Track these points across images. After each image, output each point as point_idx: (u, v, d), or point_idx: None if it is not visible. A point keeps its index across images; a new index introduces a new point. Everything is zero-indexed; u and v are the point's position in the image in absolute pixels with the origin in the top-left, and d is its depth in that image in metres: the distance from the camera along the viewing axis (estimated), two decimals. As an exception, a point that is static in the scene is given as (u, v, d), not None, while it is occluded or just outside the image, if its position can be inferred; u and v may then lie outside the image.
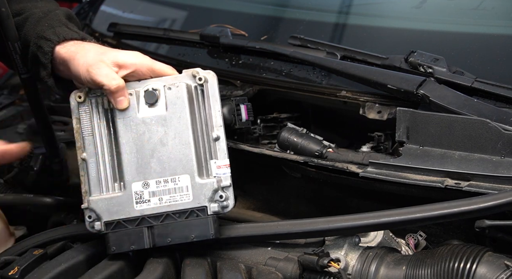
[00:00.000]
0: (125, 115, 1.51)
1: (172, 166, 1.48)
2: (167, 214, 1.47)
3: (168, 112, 1.50)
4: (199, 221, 1.46)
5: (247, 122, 1.82)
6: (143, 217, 1.47)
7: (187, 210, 1.47)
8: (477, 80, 1.62)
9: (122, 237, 1.47)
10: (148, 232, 1.47)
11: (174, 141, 1.49)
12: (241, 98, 1.83)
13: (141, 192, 1.48)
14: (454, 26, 1.89)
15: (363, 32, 1.99)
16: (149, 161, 1.48)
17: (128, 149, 1.50)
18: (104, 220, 1.47)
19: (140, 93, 1.51)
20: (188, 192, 1.47)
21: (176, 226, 1.46)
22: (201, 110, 1.52)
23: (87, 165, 1.50)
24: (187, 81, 1.53)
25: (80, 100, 1.52)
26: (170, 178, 1.48)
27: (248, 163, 1.85)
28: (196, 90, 1.53)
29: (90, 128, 1.52)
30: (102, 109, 1.52)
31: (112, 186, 1.50)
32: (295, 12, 2.16)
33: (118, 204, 1.48)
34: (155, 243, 1.47)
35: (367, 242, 1.48)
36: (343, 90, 1.77)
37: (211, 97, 1.53)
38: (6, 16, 1.57)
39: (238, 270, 1.46)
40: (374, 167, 1.58)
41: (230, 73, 1.97)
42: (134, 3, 2.50)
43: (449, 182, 1.48)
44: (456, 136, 1.52)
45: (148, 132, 1.50)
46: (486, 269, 1.31)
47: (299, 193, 1.84)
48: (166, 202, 1.47)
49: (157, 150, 1.49)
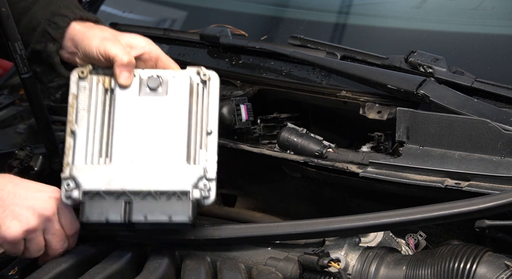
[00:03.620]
0: (125, 94, 1.51)
1: (162, 148, 1.47)
2: (148, 192, 1.44)
3: (168, 97, 1.51)
4: (179, 203, 1.44)
5: (247, 122, 1.82)
6: (124, 192, 1.44)
7: (169, 192, 1.44)
8: (477, 80, 1.62)
9: (98, 208, 1.44)
10: (125, 207, 1.44)
11: (168, 125, 1.49)
12: (241, 98, 1.83)
13: (127, 167, 1.46)
14: (454, 26, 1.89)
15: (363, 32, 1.99)
16: (140, 140, 1.48)
17: (121, 126, 1.49)
18: (83, 188, 1.45)
19: (143, 77, 1.53)
20: (174, 174, 1.45)
21: (155, 205, 1.44)
22: (199, 105, 1.53)
23: (75, 137, 1.49)
24: (191, 75, 1.54)
25: (83, 75, 1.53)
26: (158, 159, 1.47)
27: (248, 163, 1.85)
28: (198, 86, 1.54)
29: (87, 104, 1.52)
30: (102, 87, 1.53)
31: (97, 160, 1.48)
32: (295, 12, 2.16)
33: (100, 175, 1.45)
34: (131, 219, 1.43)
35: (367, 242, 1.48)
36: (343, 90, 1.77)
37: (211, 95, 1.53)
38: (6, 16, 1.57)
39: (238, 270, 1.46)
40: (374, 167, 1.58)
41: (230, 73, 1.97)
42: (134, 3, 2.50)
43: (449, 182, 1.48)
44: (456, 136, 1.52)
45: (144, 113, 1.50)
46: (486, 269, 1.31)
47: (299, 193, 1.84)
48: (150, 181, 1.45)
49: (150, 131, 1.49)
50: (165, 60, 1.59)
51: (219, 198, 1.93)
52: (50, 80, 2.20)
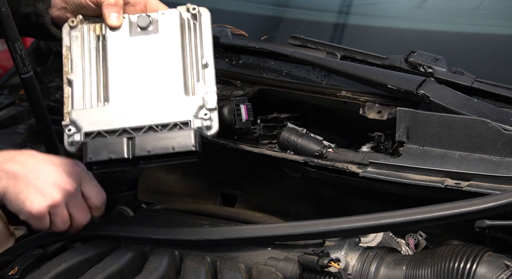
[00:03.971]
0: (116, 36, 1.52)
1: (158, 84, 1.48)
2: (149, 126, 1.44)
3: (159, 35, 1.52)
4: (181, 132, 1.43)
5: (247, 123, 1.82)
6: (125, 129, 1.44)
7: (170, 123, 1.44)
8: (477, 80, 1.62)
9: (100, 146, 1.43)
10: (128, 142, 1.43)
11: (162, 61, 1.49)
12: (241, 98, 1.83)
13: (125, 105, 1.46)
14: (454, 26, 1.89)
15: (363, 32, 1.99)
16: (136, 79, 1.48)
17: (115, 68, 1.50)
18: (84, 130, 1.44)
19: (133, 19, 1.54)
20: (173, 107, 1.45)
21: (157, 137, 1.43)
22: (192, 39, 1.53)
23: (73, 85, 1.50)
24: (182, 12, 1.55)
25: (73, 24, 1.54)
26: (156, 94, 1.47)
27: (248, 163, 1.85)
28: (188, 21, 1.54)
29: (80, 51, 1.52)
30: (93, 34, 1.54)
31: (96, 103, 1.48)
32: (295, 12, 2.16)
33: (100, 116, 1.45)
34: (135, 153, 1.42)
35: (367, 242, 1.48)
36: (343, 90, 1.77)
37: (203, 29, 1.54)
38: (6, 16, 1.57)
39: (238, 270, 1.46)
40: (374, 167, 1.58)
41: (230, 73, 1.97)
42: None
43: (449, 182, 1.48)
44: (456, 136, 1.52)
45: (137, 52, 1.51)
46: (486, 269, 1.31)
47: (299, 193, 1.84)
48: (150, 115, 1.45)
49: (145, 69, 1.49)
50: (154, 3, 1.59)
51: (219, 198, 1.93)
52: (50, 80, 2.21)
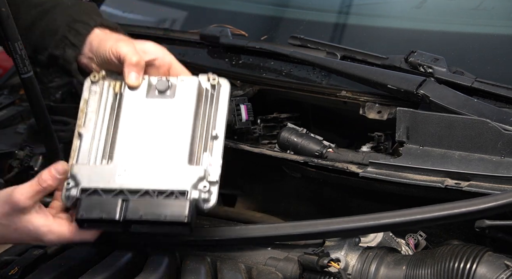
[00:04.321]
0: (133, 95, 1.52)
1: (164, 149, 1.46)
2: (146, 191, 1.42)
3: (175, 100, 1.51)
4: (176, 202, 1.41)
5: (247, 123, 1.82)
6: (121, 190, 1.43)
7: (167, 191, 1.42)
8: (477, 80, 1.62)
9: (94, 204, 1.42)
10: (122, 204, 1.41)
11: (173, 126, 1.48)
12: (241, 98, 1.83)
13: (127, 166, 1.45)
14: (454, 26, 1.89)
15: (363, 32, 1.99)
16: (143, 140, 1.48)
17: (126, 126, 1.49)
18: (82, 186, 1.44)
19: (153, 81, 1.53)
20: (174, 174, 1.43)
21: (152, 203, 1.41)
22: (207, 109, 1.52)
23: (82, 139, 1.50)
24: (202, 81, 1.54)
25: (94, 79, 1.54)
26: (160, 158, 1.46)
27: (248, 163, 1.85)
28: (206, 91, 1.53)
29: (96, 106, 1.53)
30: (112, 91, 1.54)
31: (100, 160, 1.48)
32: (295, 12, 2.16)
33: (100, 174, 1.45)
34: (126, 216, 1.41)
35: (367, 242, 1.48)
36: (343, 90, 1.77)
37: (220, 101, 1.53)
38: (6, 16, 1.57)
39: (238, 270, 1.46)
40: (374, 167, 1.58)
41: (230, 73, 1.96)
42: (134, 3, 2.50)
43: (449, 182, 1.48)
44: (456, 136, 1.52)
45: (150, 114, 1.50)
46: (486, 269, 1.31)
47: (299, 193, 1.84)
48: (149, 179, 1.43)
49: (154, 132, 1.48)
50: (178, 68, 1.59)
51: (219, 198, 1.93)
52: (50, 80, 2.20)
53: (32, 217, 1.42)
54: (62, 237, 1.44)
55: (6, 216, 1.42)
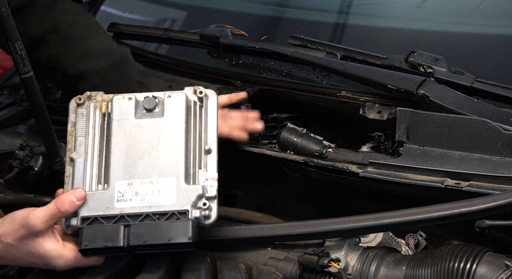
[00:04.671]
0: (121, 117, 1.50)
1: (160, 169, 1.45)
2: (147, 214, 1.42)
3: (164, 118, 1.49)
4: (178, 223, 1.41)
5: None
6: (122, 215, 1.42)
7: (168, 212, 1.42)
8: (477, 80, 1.62)
9: (96, 233, 1.41)
10: (124, 230, 1.41)
11: (165, 145, 1.47)
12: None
13: (124, 190, 1.44)
14: (454, 26, 1.89)
15: (363, 32, 1.99)
16: (137, 162, 1.46)
17: (118, 149, 1.48)
18: (81, 215, 1.43)
19: (140, 99, 1.51)
20: (172, 195, 1.43)
21: (154, 226, 1.41)
22: (197, 123, 1.51)
23: (74, 164, 1.48)
24: (188, 94, 1.52)
25: (80, 101, 1.53)
26: (156, 180, 1.45)
27: (248, 163, 1.85)
28: (195, 104, 1.52)
29: (84, 129, 1.51)
30: (99, 112, 1.52)
31: (96, 186, 1.47)
32: (295, 12, 2.16)
33: (98, 201, 1.44)
34: (130, 242, 1.41)
35: (367, 242, 1.48)
36: (343, 90, 1.77)
37: (209, 113, 1.52)
38: (6, 16, 1.57)
39: (238, 270, 1.46)
40: (374, 167, 1.58)
41: (230, 73, 1.97)
42: (134, 3, 2.50)
43: (449, 182, 1.48)
44: (456, 136, 1.52)
45: (141, 135, 1.48)
46: (486, 269, 1.31)
47: (299, 193, 1.84)
48: (148, 202, 1.43)
49: (147, 152, 1.47)
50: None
51: (219, 198, 1.93)
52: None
53: (44, 241, 1.42)
54: (70, 262, 1.44)
55: (20, 239, 1.42)
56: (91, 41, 1.87)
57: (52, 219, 1.42)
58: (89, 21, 1.93)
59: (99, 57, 1.85)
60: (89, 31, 1.89)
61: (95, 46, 1.86)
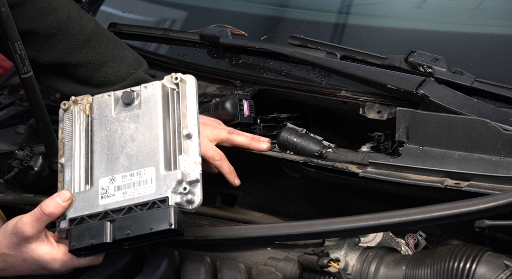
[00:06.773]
0: (101, 115, 1.51)
1: (139, 160, 1.45)
2: (129, 207, 1.41)
3: (142, 110, 1.49)
4: (159, 211, 1.40)
5: (249, 118, 1.83)
6: (106, 212, 1.42)
7: (149, 202, 1.41)
8: (477, 80, 1.62)
9: (83, 232, 1.42)
10: (109, 226, 1.41)
11: (144, 136, 1.47)
12: (243, 94, 1.84)
13: (107, 187, 1.44)
14: (454, 26, 1.89)
15: (363, 32, 1.99)
16: (118, 157, 1.46)
17: (100, 147, 1.48)
18: (69, 217, 1.43)
19: (118, 94, 1.52)
20: (152, 184, 1.42)
21: (136, 218, 1.40)
22: (176, 109, 1.50)
23: (64, 169, 1.49)
24: (165, 83, 1.52)
25: (65, 107, 1.54)
26: (136, 172, 1.44)
27: (248, 163, 1.85)
28: (172, 91, 1.51)
29: (71, 133, 1.52)
30: (83, 115, 1.53)
31: (83, 186, 1.47)
32: (295, 12, 2.16)
33: (83, 200, 1.44)
34: (115, 236, 1.41)
35: (367, 242, 1.48)
36: (343, 90, 1.77)
37: (188, 98, 1.51)
38: (6, 16, 1.57)
39: (238, 270, 1.46)
40: (374, 167, 1.58)
41: (230, 73, 1.97)
42: (134, 3, 2.50)
43: (449, 182, 1.48)
44: (456, 136, 1.52)
45: (121, 129, 1.49)
46: (486, 269, 1.31)
47: (299, 193, 1.84)
48: (130, 195, 1.42)
49: (127, 146, 1.47)
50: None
51: (219, 198, 1.93)
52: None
53: (37, 246, 1.44)
54: (66, 264, 1.45)
55: (14, 247, 1.44)
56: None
57: (39, 223, 1.43)
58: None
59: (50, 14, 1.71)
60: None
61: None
